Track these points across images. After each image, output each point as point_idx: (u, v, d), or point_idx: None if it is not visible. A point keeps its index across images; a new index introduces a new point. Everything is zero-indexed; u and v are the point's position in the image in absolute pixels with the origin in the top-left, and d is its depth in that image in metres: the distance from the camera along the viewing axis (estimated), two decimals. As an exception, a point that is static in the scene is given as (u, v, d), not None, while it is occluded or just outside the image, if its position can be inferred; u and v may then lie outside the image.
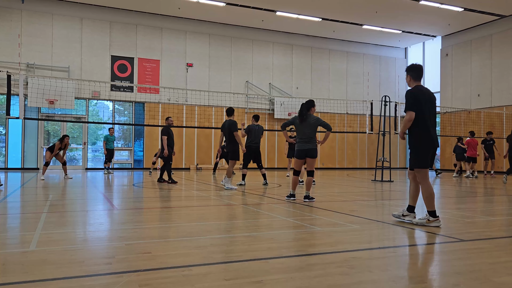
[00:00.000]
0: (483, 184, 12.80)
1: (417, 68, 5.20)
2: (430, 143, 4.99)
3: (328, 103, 22.30)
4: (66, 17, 19.14)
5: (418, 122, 4.95)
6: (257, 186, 10.96)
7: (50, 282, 2.77)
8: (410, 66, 5.26)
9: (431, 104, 5.06)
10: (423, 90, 5.06)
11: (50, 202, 7.19)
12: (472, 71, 21.83)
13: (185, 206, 7.18)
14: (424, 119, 4.95)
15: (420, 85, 5.16)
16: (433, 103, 5.09)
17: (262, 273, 3.01)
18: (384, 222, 5.28)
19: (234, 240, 4.17)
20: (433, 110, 5.10)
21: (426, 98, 5.01)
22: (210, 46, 21.68)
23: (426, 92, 5.08)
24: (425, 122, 4.96)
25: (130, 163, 20.31)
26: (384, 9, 19.31)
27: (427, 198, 4.96)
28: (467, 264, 3.34)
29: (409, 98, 4.99)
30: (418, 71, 5.17)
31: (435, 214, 4.92)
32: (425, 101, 4.98)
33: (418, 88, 5.07)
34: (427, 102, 5.00)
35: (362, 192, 9.73)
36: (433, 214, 4.92)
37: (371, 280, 2.91)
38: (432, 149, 5.03)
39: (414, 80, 5.18)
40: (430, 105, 5.03)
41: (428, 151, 5.00)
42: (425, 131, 4.97)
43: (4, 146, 18.32)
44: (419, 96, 4.97)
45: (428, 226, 4.88)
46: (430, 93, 5.11)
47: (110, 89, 19.58)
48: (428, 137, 4.96)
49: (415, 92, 5.01)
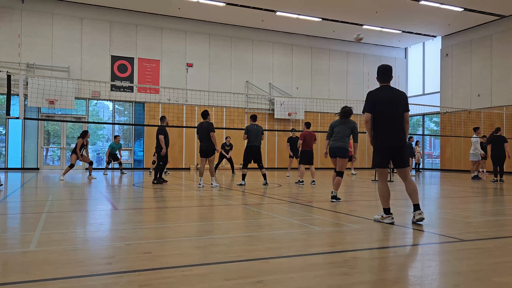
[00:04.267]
0: (483, 184, 12.80)
1: (384, 69, 5.21)
2: (380, 142, 5.06)
3: (328, 103, 22.30)
4: (66, 17, 19.14)
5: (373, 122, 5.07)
6: (257, 186, 10.95)
7: (50, 282, 2.77)
8: (378, 67, 5.30)
9: (392, 104, 5.00)
10: (382, 90, 5.11)
11: (50, 202, 7.19)
12: (472, 71, 21.83)
13: (185, 206, 7.18)
14: (375, 119, 5.03)
15: (385, 85, 5.18)
16: (395, 102, 5.02)
17: (262, 273, 3.01)
18: (384, 222, 5.27)
19: (234, 240, 4.17)
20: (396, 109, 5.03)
21: (384, 97, 5.03)
22: (210, 46, 21.68)
23: (387, 92, 5.08)
24: (376, 122, 5.03)
25: (130, 163, 20.30)
26: (384, 9, 19.31)
27: (379, 196, 5.21)
28: (467, 264, 3.34)
29: (365, 101, 5.16)
30: (384, 73, 5.19)
31: (388, 211, 5.09)
32: (380, 101, 5.02)
33: (377, 89, 5.17)
34: (384, 102, 5.01)
35: (362, 192, 9.73)
36: (386, 211, 5.10)
37: (371, 280, 2.91)
38: (385, 148, 5.05)
39: (379, 81, 5.26)
40: (389, 104, 5.00)
41: (379, 151, 5.08)
42: (376, 131, 5.08)
43: (4, 146, 18.32)
44: (373, 96, 5.08)
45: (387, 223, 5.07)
46: (392, 93, 5.09)
47: (110, 89, 19.58)
48: (377, 136, 5.06)
49: (371, 93, 5.15)
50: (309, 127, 11.74)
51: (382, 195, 5.15)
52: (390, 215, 5.09)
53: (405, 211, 6.05)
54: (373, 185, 11.62)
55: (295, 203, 7.19)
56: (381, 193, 5.16)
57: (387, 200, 5.11)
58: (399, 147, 5.03)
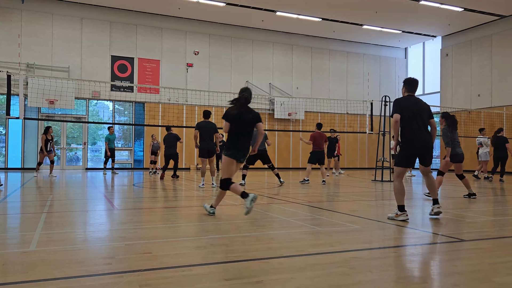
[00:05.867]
0: (482, 184, 12.80)
1: (412, 82, 5.61)
2: (411, 145, 5.32)
3: (328, 103, 22.30)
4: (66, 17, 19.13)
5: (401, 125, 5.39)
6: (257, 186, 10.96)
7: (50, 282, 2.77)
8: (406, 79, 5.72)
9: (419, 111, 5.39)
10: (409, 99, 5.48)
11: (50, 202, 7.19)
12: (472, 71, 21.83)
13: (185, 206, 7.18)
14: (407, 122, 5.33)
15: (410, 95, 5.57)
16: (421, 110, 5.43)
17: (262, 273, 3.01)
18: (385, 222, 5.28)
19: (234, 240, 4.17)
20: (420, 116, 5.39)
21: (411, 104, 5.37)
22: (210, 46, 21.67)
23: (414, 101, 5.48)
24: (406, 124, 5.34)
25: (130, 163, 20.30)
26: (384, 9, 19.30)
27: (395, 194, 5.38)
28: (467, 264, 3.34)
29: (393, 105, 5.50)
30: (412, 85, 5.61)
31: (402, 208, 5.28)
32: (409, 107, 5.34)
33: (404, 97, 5.54)
34: (412, 108, 5.37)
35: (362, 192, 9.73)
36: (400, 209, 5.29)
37: (371, 280, 2.91)
38: (414, 151, 5.37)
39: (406, 91, 5.63)
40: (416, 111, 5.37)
41: (407, 152, 5.37)
42: (407, 134, 5.36)
43: (4, 146, 18.31)
44: (401, 102, 5.44)
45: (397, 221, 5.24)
46: (418, 102, 5.52)
47: (110, 89, 19.57)
48: (409, 139, 5.33)
49: (399, 99, 5.52)
50: (320, 128, 11.94)
51: (399, 192, 5.34)
52: (405, 212, 5.27)
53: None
54: (373, 185, 11.62)
55: (295, 203, 7.19)
56: (398, 190, 5.36)
57: (403, 197, 5.34)
58: (428, 148, 5.41)
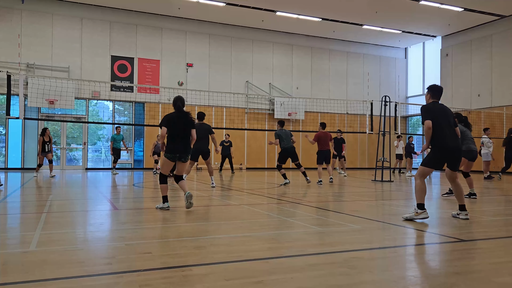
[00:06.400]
0: (484, 184, 12.79)
1: (438, 89, 5.69)
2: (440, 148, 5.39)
3: (328, 103, 22.29)
4: (66, 17, 19.13)
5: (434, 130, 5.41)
6: (257, 186, 10.96)
7: (50, 282, 2.77)
8: (431, 86, 5.77)
9: (446, 117, 5.47)
10: (436, 106, 5.55)
11: (50, 202, 7.19)
12: (472, 71, 21.82)
13: (185, 206, 7.16)
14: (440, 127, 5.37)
15: (436, 101, 5.64)
16: (449, 116, 5.51)
17: (262, 273, 3.00)
18: (385, 222, 5.28)
19: (234, 240, 4.17)
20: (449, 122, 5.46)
21: (440, 110, 5.49)
22: (210, 46, 21.67)
23: (441, 107, 5.56)
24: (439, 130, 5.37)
25: (130, 163, 20.30)
26: (384, 9, 19.30)
27: (416, 192, 5.43)
28: (467, 264, 3.34)
29: (423, 112, 5.51)
30: (437, 91, 5.67)
31: (422, 206, 5.29)
32: (438, 113, 5.44)
33: (432, 103, 5.59)
34: (441, 114, 5.45)
35: (362, 192, 9.73)
36: (420, 207, 5.29)
37: (371, 280, 2.91)
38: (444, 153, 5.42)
39: (431, 97, 5.70)
40: (445, 117, 5.45)
41: (438, 155, 5.42)
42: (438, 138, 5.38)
43: (4, 146, 18.31)
44: (431, 108, 5.48)
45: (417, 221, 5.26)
46: (445, 109, 5.61)
47: (110, 89, 19.56)
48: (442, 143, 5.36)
49: (427, 105, 5.56)
50: (325, 127, 12.00)
51: (421, 190, 5.40)
52: (425, 210, 5.28)
53: (404, 211, 6.04)
54: (373, 185, 11.62)
55: (295, 203, 7.19)
56: (420, 188, 5.41)
57: (424, 195, 5.38)
58: (459, 153, 5.48)
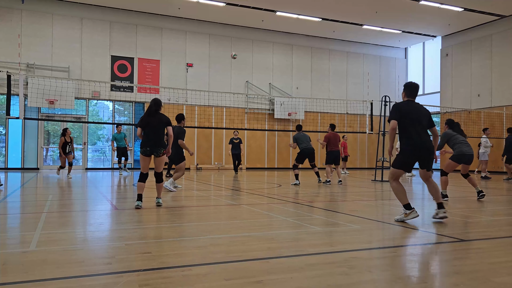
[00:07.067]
0: (483, 184, 12.79)
1: (413, 86, 5.49)
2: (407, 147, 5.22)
3: (328, 103, 22.28)
4: (66, 17, 19.12)
5: (400, 129, 5.27)
6: (257, 186, 10.96)
7: (50, 282, 2.77)
8: (407, 83, 5.57)
9: (418, 117, 5.27)
10: (409, 104, 5.34)
11: (50, 202, 7.19)
12: (472, 71, 21.82)
13: (185, 206, 7.17)
14: (407, 127, 5.21)
15: (410, 100, 5.44)
16: (421, 116, 5.30)
17: (262, 273, 3.01)
18: (384, 222, 5.28)
19: (234, 240, 4.17)
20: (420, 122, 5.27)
21: (411, 110, 5.26)
22: (210, 46, 21.67)
23: (414, 106, 5.34)
24: (406, 130, 5.21)
25: (130, 163, 20.26)
26: (384, 9, 19.30)
27: (396, 195, 5.28)
28: (467, 264, 3.34)
29: (391, 110, 5.34)
30: (413, 89, 5.47)
31: (409, 206, 5.15)
32: (408, 112, 5.24)
33: (404, 102, 5.41)
34: (412, 114, 5.24)
35: (362, 192, 9.73)
36: (407, 207, 5.15)
37: (371, 280, 2.91)
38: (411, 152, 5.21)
39: (406, 95, 5.50)
40: (416, 117, 5.25)
41: (404, 158, 5.23)
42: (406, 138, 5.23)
43: (4, 146, 18.31)
44: (400, 107, 5.26)
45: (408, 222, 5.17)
46: (419, 108, 5.38)
47: (110, 89, 19.56)
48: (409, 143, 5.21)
49: (398, 104, 5.35)
50: (334, 129, 12.18)
51: (399, 191, 5.25)
52: (413, 209, 5.14)
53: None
54: (372, 185, 11.62)
55: (295, 203, 7.19)
56: (397, 190, 5.27)
57: (405, 195, 5.25)
58: (429, 151, 5.23)
